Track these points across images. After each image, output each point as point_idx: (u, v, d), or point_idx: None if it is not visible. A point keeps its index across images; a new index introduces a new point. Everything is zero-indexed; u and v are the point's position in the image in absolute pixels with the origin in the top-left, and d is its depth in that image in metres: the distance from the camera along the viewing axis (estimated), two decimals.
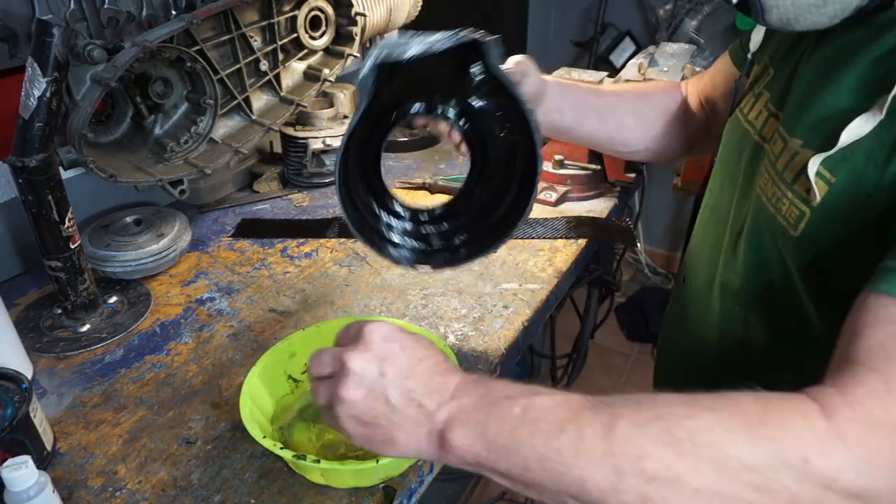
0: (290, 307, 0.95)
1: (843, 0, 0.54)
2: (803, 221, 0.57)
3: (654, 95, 0.97)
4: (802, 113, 0.60)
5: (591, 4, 2.63)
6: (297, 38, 1.15)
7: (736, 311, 0.70)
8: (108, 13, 0.93)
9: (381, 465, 0.61)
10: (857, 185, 0.53)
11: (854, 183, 0.53)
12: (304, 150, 1.27)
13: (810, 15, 0.55)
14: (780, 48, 0.70)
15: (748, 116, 0.72)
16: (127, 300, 0.97)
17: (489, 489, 2.02)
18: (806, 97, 0.61)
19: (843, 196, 0.54)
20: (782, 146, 0.62)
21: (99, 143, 0.99)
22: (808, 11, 0.55)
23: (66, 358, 0.86)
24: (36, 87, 0.78)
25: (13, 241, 1.04)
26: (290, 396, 0.76)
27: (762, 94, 0.71)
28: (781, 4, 0.55)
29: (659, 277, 2.96)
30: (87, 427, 0.75)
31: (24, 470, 0.56)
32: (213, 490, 0.67)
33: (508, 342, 0.87)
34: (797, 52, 0.66)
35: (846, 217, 0.54)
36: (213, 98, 1.03)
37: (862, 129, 0.52)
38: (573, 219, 1.16)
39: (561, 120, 0.90)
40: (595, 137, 0.95)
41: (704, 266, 0.77)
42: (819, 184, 0.55)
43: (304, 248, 1.11)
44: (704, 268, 0.77)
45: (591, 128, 0.92)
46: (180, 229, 1.06)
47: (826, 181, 0.55)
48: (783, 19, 0.57)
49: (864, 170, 0.52)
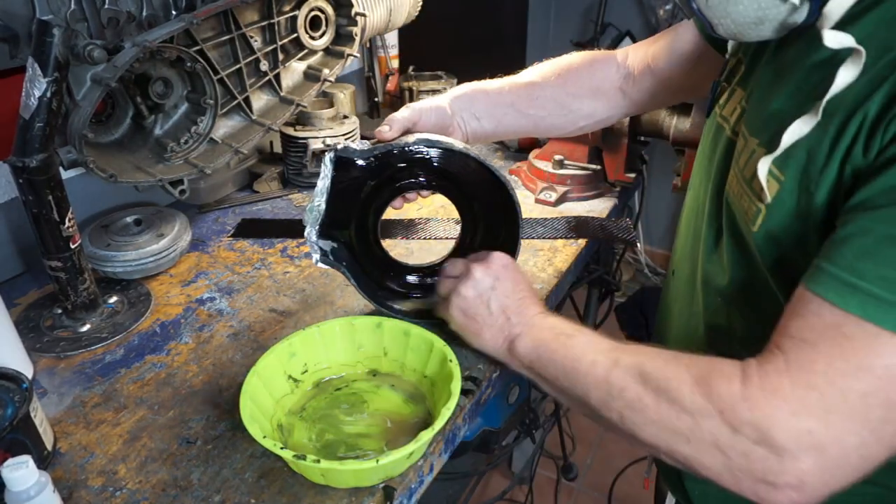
0: (290, 307, 0.96)
1: (775, 21, 0.58)
2: (759, 218, 0.61)
3: (578, 72, 0.98)
4: (758, 113, 0.64)
5: (591, 4, 2.63)
6: (297, 38, 1.15)
7: (719, 305, 0.72)
8: (109, 13, 0.93)
9: (381, 465, 0.61)
10: (802, 182, 0.57)
11: (800, 181, 0.57)
12: (304, 150, 1.27)
13: (751, 31, 0.60)
14: (751, 47, 0.72)
15: (723, 111, 0.74)
16: (127, 300, 0.97)
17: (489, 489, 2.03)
18: (761, 98, 0.65)
19: (792, 194, 0.58)
20: (744, 144, 0.65)
21: (99, 143, 0.99)
22: (748, 28, 0.59)
23: (66, 358, 0.86)
24: (36, 88, 0.78)
25: (13, 241, 1.04)
26: (290, 396, 0.76)
27: (736, 90, 0.73)
28: (724, 22, 0.60)
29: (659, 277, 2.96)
30: (88, 427, 0.75)
31: (25, 470, 0.56)
32: (213, 490, 0.67)
33: None
34: (764, 51, 0.69)
35: (797, 214, 0.58)
36: (213, 98, 1.03)
37: (801, 130, 0.56)
38: (573, 219, 1.16)
39: (480, 126, 0.93)
40: (522, 131, 1.00)
41: (687, 259, 0.80)
42: (771, 182, 0.59)
43: (304, 248, 1.11)
44: (687, 261, 0.79)
45: (513, 124, 0.96)
46: (180, 229, 1.06)
47: (777, 179, 0.59)
48: (729, 33, 0.61)
49: (807, 168, 0.56)
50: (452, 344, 0.77)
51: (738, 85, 0.73)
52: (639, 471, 1.99)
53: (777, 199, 0.59)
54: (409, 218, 1.19)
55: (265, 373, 0.73)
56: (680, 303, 0.82)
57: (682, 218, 0.85)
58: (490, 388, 0.83)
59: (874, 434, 0.49)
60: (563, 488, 2.02)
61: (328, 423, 0.74)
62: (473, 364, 0.82)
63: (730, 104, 0.73)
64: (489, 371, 0.82)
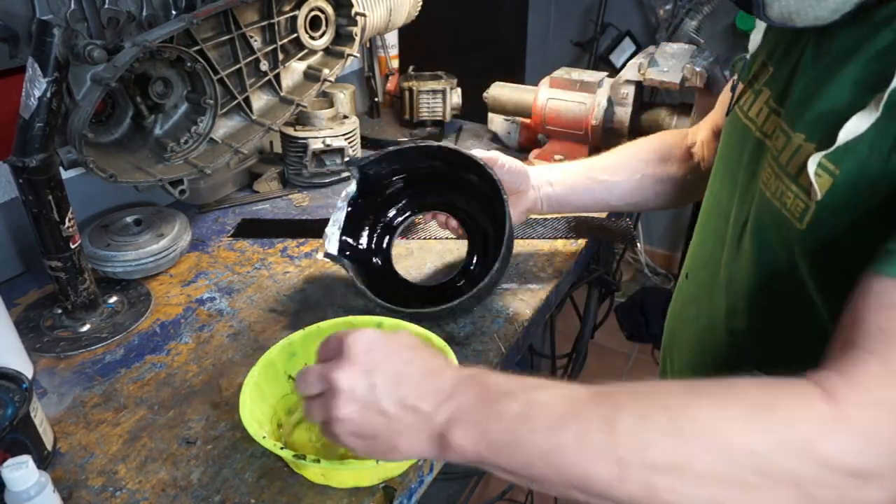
0: (290, 307, 0.96)
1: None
2: (808, 214, 0.57)
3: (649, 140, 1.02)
4: (804, 109, 0.61)
5: (591, 4, 2.63)
6: (297, 38, 1.15)
7: (742, 305, 0.70)
8: (109, 13, 0.93)
9: (381, 465, 0.61)
10: (860, 175, 0.53)
11: (858, 174, 0.53)
12: (304, 150, 1.27)
13: (811, 9, 0.55)
14: (779, 47, 0.71)
15: (749, 113, 0.72)
16: (127, 300, 0.97)
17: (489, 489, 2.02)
18: (807, 93, 0.61)
19: (848, 186, 0.54)
20: (785, 141, 0.62)
21: (99, 143, 0.99)
22: (810, 5, 0.54)
23: (66, 358, 0.86)
24: (36, 88, 0.78)
25: (13, 241, 1.04)
26: (290, 396, 0.76)
27: (762, 91, 0.71)
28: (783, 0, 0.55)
29: (659, 277, 2.96)
30: (88, 427, 0.75)
31: (25, 470, 0.56)
32: (213, 490, 0.67)
33: (509, 342, 0.87)
34: (797, 50, 0.67)
35: (851, 207, 0.54)
36: (213, 98, 1.03)
37: (859, 126, 0.52)
38: (573, 219, 1.16)
39: (554, 191, 0.96)
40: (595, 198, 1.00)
41: (707, 262, 0.78)
42: (823, 177, 0.55)
43: (304, 248, 1.11)
44: (707, 264, 0.77)
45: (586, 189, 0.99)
46: (180, 229, 1.06)
47: (830, 173, 0.55)
48: (784, 14, 0.56)
49: (868, 160, 0.53)
50: (452, 344, 0.77)
51: (766, 86, 0.70)
52: None
53: (830, 195, 0.55)
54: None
55: (265, 373, 0.73)
56: (697, 306, 0.79)
57: (699, 222, 0.83)
58: None
59: None
60: None
61: None
62: (473, 364, 0.82)
63: (755, 105, 0.71)
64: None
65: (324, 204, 1.27)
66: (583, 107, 1.28)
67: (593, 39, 2.59)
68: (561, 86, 1.30)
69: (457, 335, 0.87)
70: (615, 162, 0.99)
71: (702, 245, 0.80)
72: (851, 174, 0.54)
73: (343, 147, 1.28)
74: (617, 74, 1.30)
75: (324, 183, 1.32)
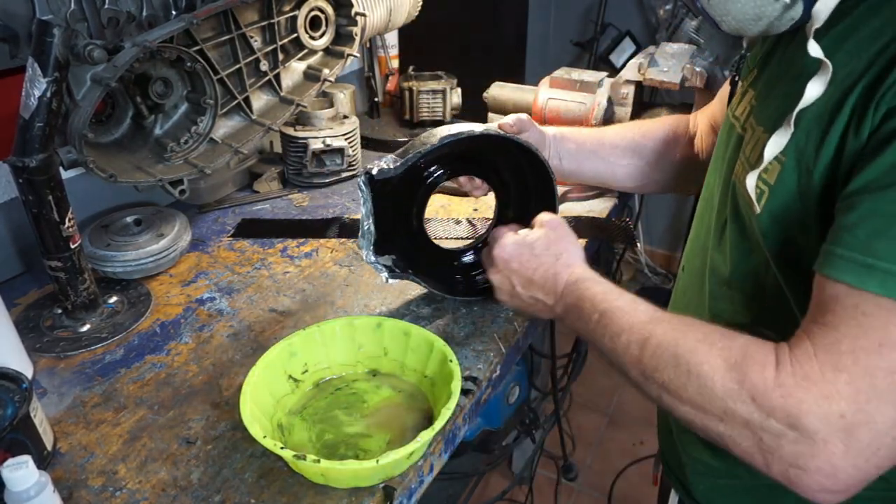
0: (290, 307, 0.96)
1: (771, 17, 0.61)
2: (763, 198, 0.64)
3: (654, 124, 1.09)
4: (764, 108, 0.69)
5: (591, 4, 2.63)
6: (297, 38, 1.15)
7: (724, 292, 0.75)
8: (109, 13, 0.93)
9: (381, 465, 0.61)
10: (801, 161, 0.60)
11: (798, 160, 0.60)
12: (304, 150, 1.27)
13: (752, 26, 0.63)
14: (763, 50, 0.77)
15: (735, 112, 0.77)
16: (127, 300, 0.97)
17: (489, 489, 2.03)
18: (767, 94, 0.70)
19: (792, 172, 0.60)
20: (752, 134, 0.69)
21: (99, 143, 0.99)
22: (749, 24, 0.63)
23: (66, 358, 0.86)
24: (36, 88, 0.78)
25: (13, 241, 1.04)
26: (290, 396, 0.76)
27: (748, 91, 0.76)
28: (726, 19, 0.64)
29: (659, 277, 2.96)
30: (88, 427, 0.75)
31: (25, 470, 0.56)
32: (213, 490, 0.67)
33: (509, 342, 0.87)
34: (774, 52, 0.73)
35: (798, 193, 0.61)
36: (213, 98, 1.03)
37: (779, 143, 0.60)
38: (573, 219, 1.16)
39: (561, 166, 1.06)
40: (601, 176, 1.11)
41: (698, 253, 0.82)
42: (773, 164, 0.62)
43: (304, 248, 1.11)
44: (698, 254, 0.82)
45: (592, 168, 1.09)
46: (180, 229, 1.06)
47: (778, 160, 0.61)
48: (732, 29, 0.65)
49: (805, 147, 0.59)
50: (452, 344, 0.77)
51: (751, 86, 0.76)
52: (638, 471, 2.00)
53: (779, 179, 0.62)
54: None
55: (265, 373, 0.73)
56: (689, 294, 0.84)
57: (695, 216, 0.88)
58: (490, 388, 0.83)
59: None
60: (563, 488, 2.02)
61: (328, 423, 0.74)
62: (473, 364, 0.82)
63: (742, 104, 0.76)
64: (489, 371, 0.82)
65: (324, 204, 1.27)
66: (583, 107, 1.28)
67: (593, 39, 2.59)
68: (561, 86, 1.31)
69: (457, 335, 0.87)
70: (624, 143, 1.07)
71: (696, 236, 0.85)
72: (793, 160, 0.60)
73: (343, 147, 1.28)
74: (617, 74, 1.30)
75: (324, 183, 1.32)
